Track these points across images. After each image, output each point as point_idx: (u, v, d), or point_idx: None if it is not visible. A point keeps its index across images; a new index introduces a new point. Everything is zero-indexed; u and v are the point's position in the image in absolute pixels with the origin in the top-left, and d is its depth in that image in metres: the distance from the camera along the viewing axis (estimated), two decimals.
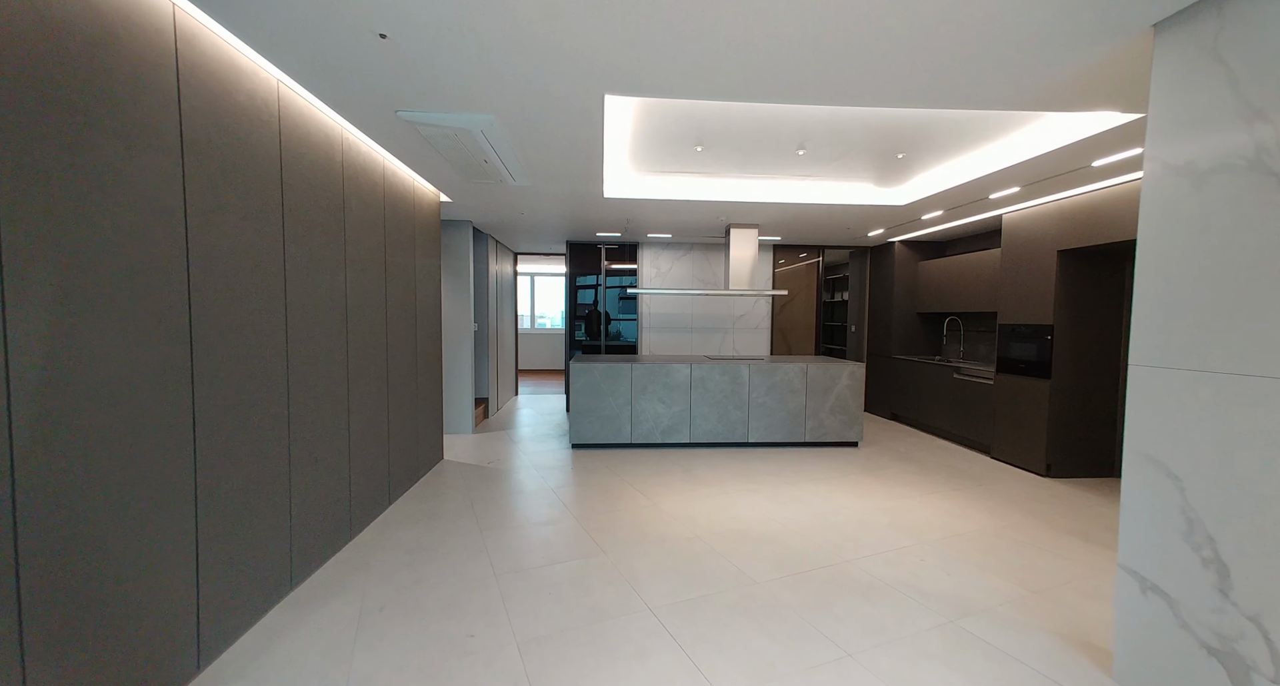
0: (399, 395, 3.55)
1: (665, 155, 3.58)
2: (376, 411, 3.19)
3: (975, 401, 4.94)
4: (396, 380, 3.50)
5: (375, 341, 3.16)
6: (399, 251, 3.54)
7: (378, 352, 3.20)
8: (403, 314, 3.62)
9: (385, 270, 3.32)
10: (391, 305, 3.41)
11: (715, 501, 3.52)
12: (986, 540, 2.94)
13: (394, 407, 3.46)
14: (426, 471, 4.14)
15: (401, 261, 3.59)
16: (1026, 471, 4.28)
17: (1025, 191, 3.82)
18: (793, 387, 4.98)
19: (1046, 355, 4.11)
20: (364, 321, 3.00)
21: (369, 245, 3.07)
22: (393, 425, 3.44)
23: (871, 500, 3.56)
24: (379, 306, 3.22)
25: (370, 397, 3.10)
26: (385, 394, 3.31)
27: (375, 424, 3.17)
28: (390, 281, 3.39)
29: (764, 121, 2.99)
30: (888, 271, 6.50)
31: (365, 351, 3.02)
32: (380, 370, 3.24)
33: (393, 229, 3.43)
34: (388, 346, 3.35)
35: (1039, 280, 4.18)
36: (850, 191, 4.32)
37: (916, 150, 3.35)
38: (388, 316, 3.35)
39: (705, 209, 4.65)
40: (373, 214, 3.12)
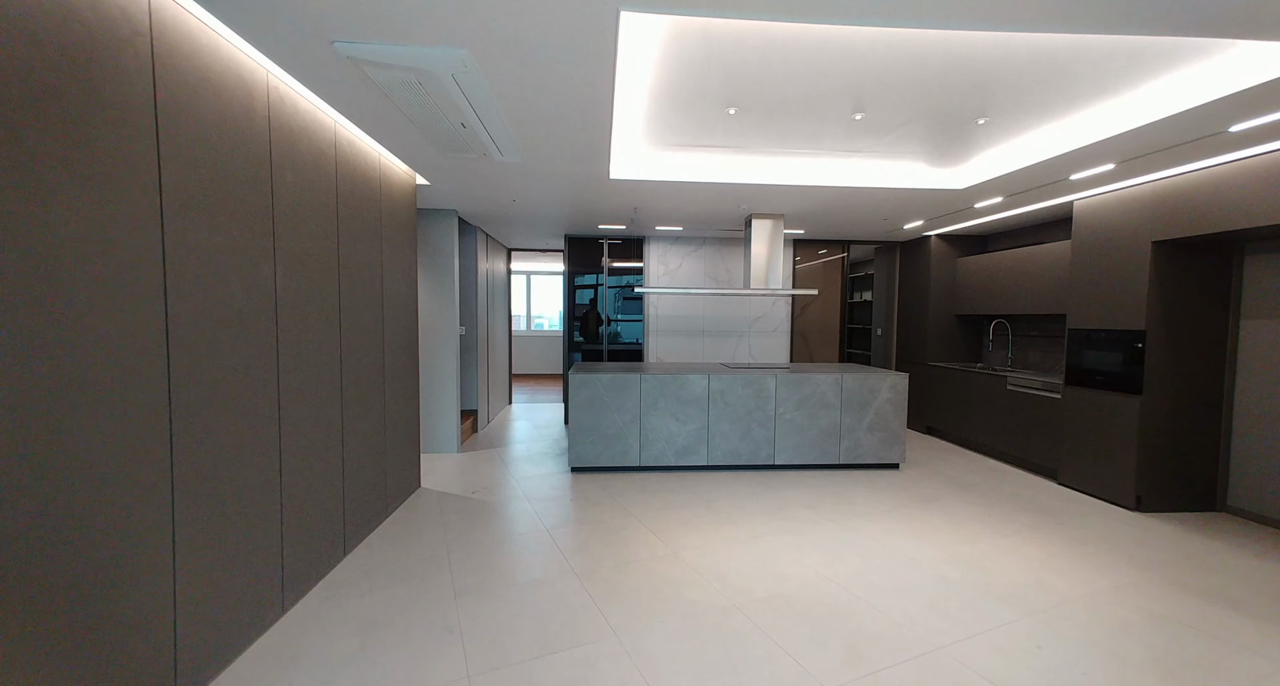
0: (360, 416, 2.88)
1: (688, 122, 2.92)
2: (324, 440, 2.52)
3: (1035, 417, 4.29)
4: (356, 397, 2.83)
5: (322, 351, 2.49)
6: (359, 242, 2.87)
7: (326, 365, 2.53)
8: (365, 317, 2.95)
9: (339, 264, 2.65)
10: (349, 307, 2.75)
11: (748, 548, 2.86)
12: (1107, 609, 2.29)
13: (352, 432, 2.79)
14: (398, 505, 3.47)
15: (363, 254, 2.92)
16: (1109, 503, 3.62)
17: (1121, 169, 3.17)
18: (826, 402, 4.32)
19: (1136, 366, 3.46)
20: (303, 327, 2.33)
21: (312, 232, 2.40)
22: (350, 455, 2.77)
23: (940, 545, 2.90)
24: (328, 308, 2.55)
25: (315, 423, 2.43)
26: (339, 417, 2.64)
27: (322, 457, 2.50)
28: (347, 278, 2.72)
29: (812, 77, 2.33)
30: (922, 269, 5.85)
31: (306, 364, 2.35)
32: (330, 386, 2.57)
33: (350, 213, 2.76)
34: (342, 357, 2.68)
35: (1126, 277, 3.53)
36: (900, 173, 3.66)
37: (1000, 114, 2.70)
38: (342, 321, 2.68)
39: (728, 194, 3.99)
40: (318, 192, 2.45)
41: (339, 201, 2.65)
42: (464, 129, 2.57)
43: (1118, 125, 2.65)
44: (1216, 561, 2.77)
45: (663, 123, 2.92)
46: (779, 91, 2.50)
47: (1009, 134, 2.99)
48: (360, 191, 2.88)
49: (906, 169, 3.64)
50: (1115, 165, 3.09)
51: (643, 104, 2.71)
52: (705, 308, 6.22)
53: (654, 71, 2.38)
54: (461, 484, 3.96)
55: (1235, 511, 3.45)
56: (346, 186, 2.73)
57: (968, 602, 2.32)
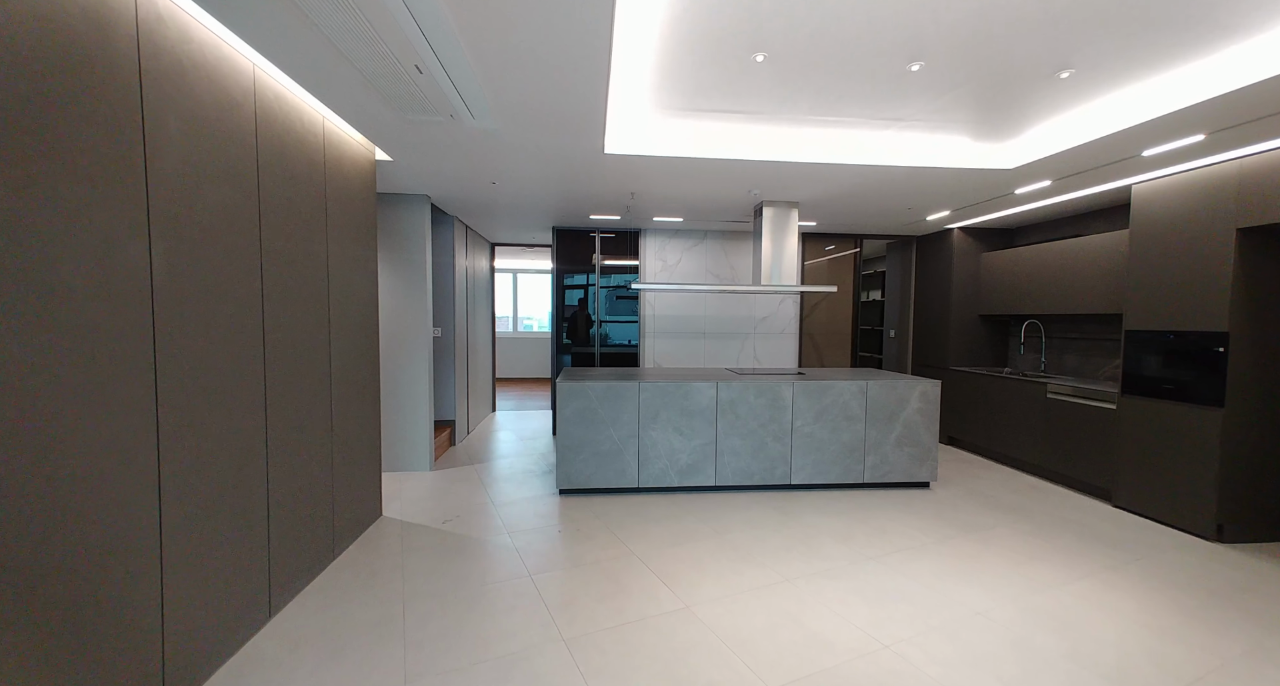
0: (294, 435, 2.31)
1: (704, 75, 2.38)
2: (236, 470, 1.95)
3: (1082, 430, 3.81)
4: (289, 412, 2.26)
5: (231, 355, 1.92)
6: (293, 222, 2.30)
7: (240, 372, 1.96)
8: (302, 315, 2.38)
9: (261, 248, 2.08)
10: (276, 302, 2.17)
11: (777, 599, 2.32)
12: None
13: (283, 456, 2.21)
14: (350, 542, 2.89)
15: (300, 239, 2.35)
16: (1182, 532, 3.14)
17: (1209, 142, 2.69)
18: (849, 413, 3.81)
19: (1217, 374, 2.98)
20: (199, 324, 1.76)
21: (214, 204, 1.83)
22: (280, 485, 2.20)
23: (1007, 593, 2.39)
24: (242, 302, 1.97)
25: (221, 448, 1.86)
26: (261, 439, 2.07)
27: (233, 492, 1.93)
28: (274, 266, 2.15)
29: (864, 9, 1.81)
30: (943, 265, 5.37)
31: (204, 370, 1.78)
32: (246, 399, 1.99)
33: (278, 186, 2.19)
34: (267, 362, 2.11)
35: (1203, 270, 3.05)
36: (940, 150, 3.16)
37: (1091, 66, 2.19)
38: (266, 319, 2.11)
39: (740, 175, 3.47)
40: (225, 153, 1.88)
41: (260, 170, 2.08)
42: (420, 75, 2.02)
43: (1225, 82, 2.16)
44: None
45: (673, 75, 2.38)
46: (821, 29, 1.98)
47: (1091, 94, 2.48)
48: (294, 160, 2.31)
49: (947, 144, 3.14)
50: (1205, 136, 2.61)
51: (650, 50, 2.17)
52: (707, 307, 5.70)
53: (666, 8, 1.84)
54: (432, 511, 3.38)
55: None
56: (272, 151, 2.16)
57: (1069, 684, 1.81)
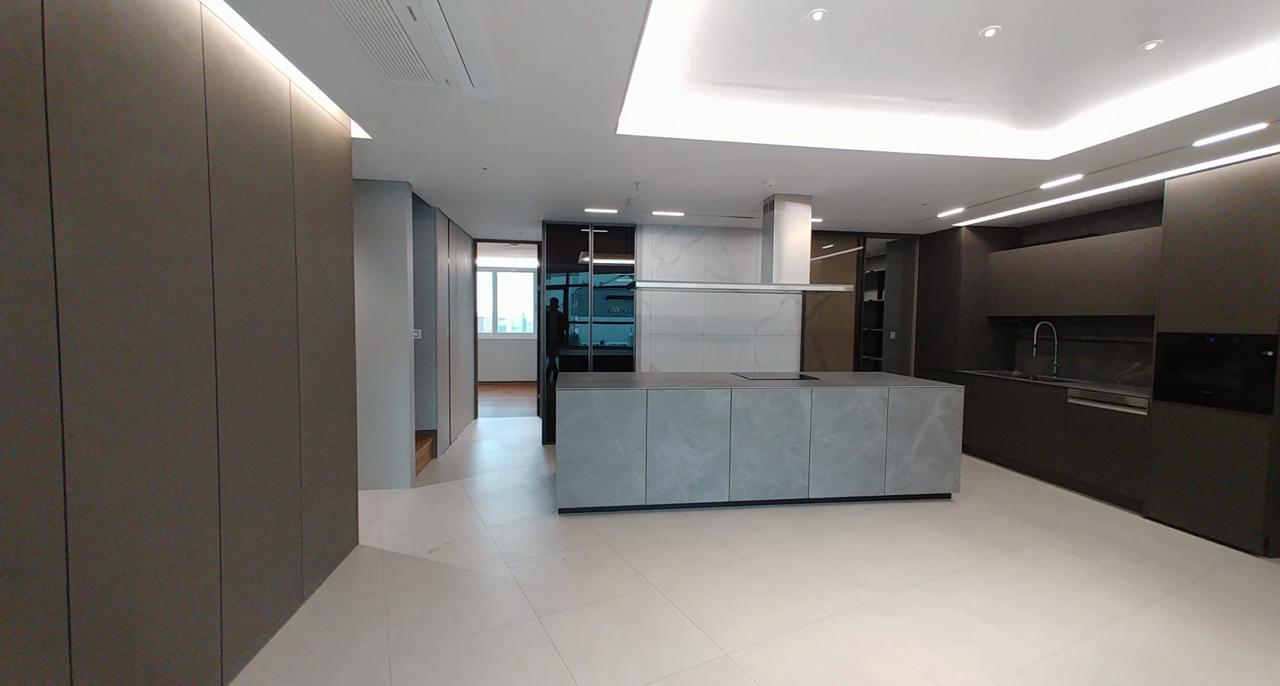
0: (258, 458, 1.92)
1: (750, 39, 2.07)
2: (189, 503, 1.55)
3: (1108, 437, 3.65)
4: (253, 431, 1.86)
5: (174, 366, 1.53)
6: (252, 205, 1.91)
7: (188, 384, 1.56)
8: (265, 315, 1.98)
9: (211, 233, 1.69)
10: (231, 299, 1.78)
11: (823, 640, 2.03)
12: None
13: (243, 484, 1.82)
14: (323, 578, 2.49)
15: (261, 226, 1.95)
16: (1226, 546, 2.98)
17: (1271, 131, 2.52)
18: (870, 421, 3.56)
19: (1265, 379, 2.82)
20: (125, 323, 1.37)
21: (145, 176, 1.44)
22: (240, 518, 1.80)
23: (1078, 628, 2.15)
24: (187, 299, 1.58)
25: (168, 477, 1.46)
26: (210, 466, 1.67)
27: (186, 529, 1.53)
28: (230, 258, 1.76)
29: None
30: (950, 265, 5.20)
31: (139, 383, 1.39)
32: (196, 416, 1.60)
33: (233, 156, 1.80)
34: (218, 372, 1.71)
35: (1250, 270, 2.89)
36: (974, 137, 2.93)
37: (1182, 34, 1.95)
38: (219, 319, 1.72)
39: (760, 161, 3.18)
40: (161, 110, 1.49)
41: (211, 135, 1.68)
42: (415, 23, 1.66)
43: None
44: None
45: (713, 36, 2.05)
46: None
47: (1161, 73, 2.24)
48: (254, 128, 1.92)
49: (985, 131, 2.91)
50: (1267, 124, 2.43)
51: (692, 16, 1.85)
52: (706, 308, 5.41)
53: None
54: (416, 536, 2.99)
55: None
56: (226, 115, 1.76)
57: None
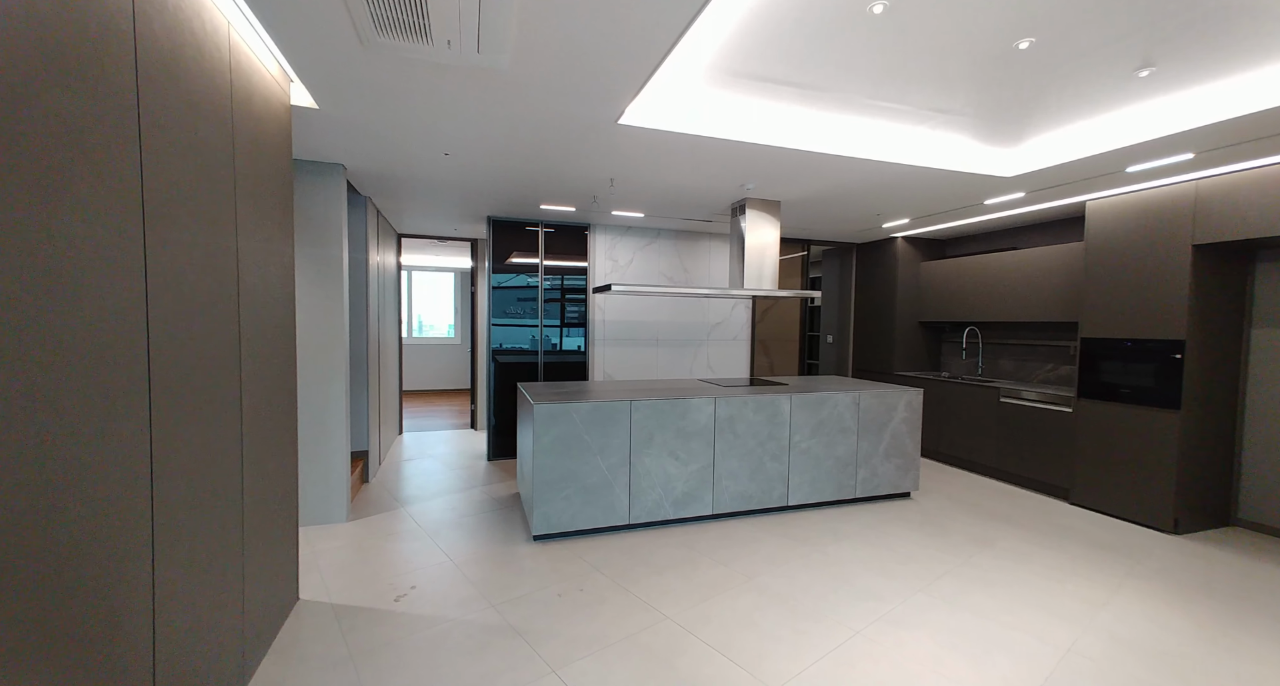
0: (202, 506, 1.45)
1: (803, 29, 1.94)
2: (120, 577, 1.10)
3: (1038, 432, 4.03)
4: (195, 470, 1.40)
5: (98, 388, 1.08)
6: (193, 182, 1.45)
7: (124, 417, 1.12)
8: (208, 328, 1.52)
9: (143, 219, 1.24)
10: (171, 306, 1.33)
11: (863, 662, 1.96)
12: None
13: (184, 544, 1.36)
14: (266, 648, 2.00)
15: (202, 212, 1.49)
16: (1144, 527, 3.38)
17: (1197, 161, 2.87)
18: (843, 425, 3.63)
19: (1174, 379, 3.23)
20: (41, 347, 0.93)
21: (53, 125, 1.00)
22: (177, 590, 1.34)
23: (1079, 622, 2.27)
24: (114, 311, 1.14)
25: (91, 545, 1.02)
26: (145, 527, 1.22)
27: (102, 609, 1.08)
28: (165, 247, 1.31)
29: None
30: (887, 273, 5.52)
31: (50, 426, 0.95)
32: (129, 462, 1.15)
33: (168, 110, 1.34)
34: (152, 400, 1.26)
35: (1161, 283, 3.30)
36: (947, 148, 3.06)
37: (1173, 62, 2.11)
38: (152, 330, 1.27)
39: (751, 161, 3.10)
40: (64, 24, 1.06)
41: (141, 78, 1.24)
42: None
43: (1247, 104, 2.25)
44: None
45: (766, 21, 1.88)
46: None
47: (1163, 91, 2.36)
48: (191, 77, 1.46)
49: (955, 145, 3.05)
50: (1194, 154, 2.77)
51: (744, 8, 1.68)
52: (661, 313, 5.28)
53: None
54: (370, 582, 2.53)
55: (1247, 525, 3.38)
56: (159, 53, 1.31)
57: None
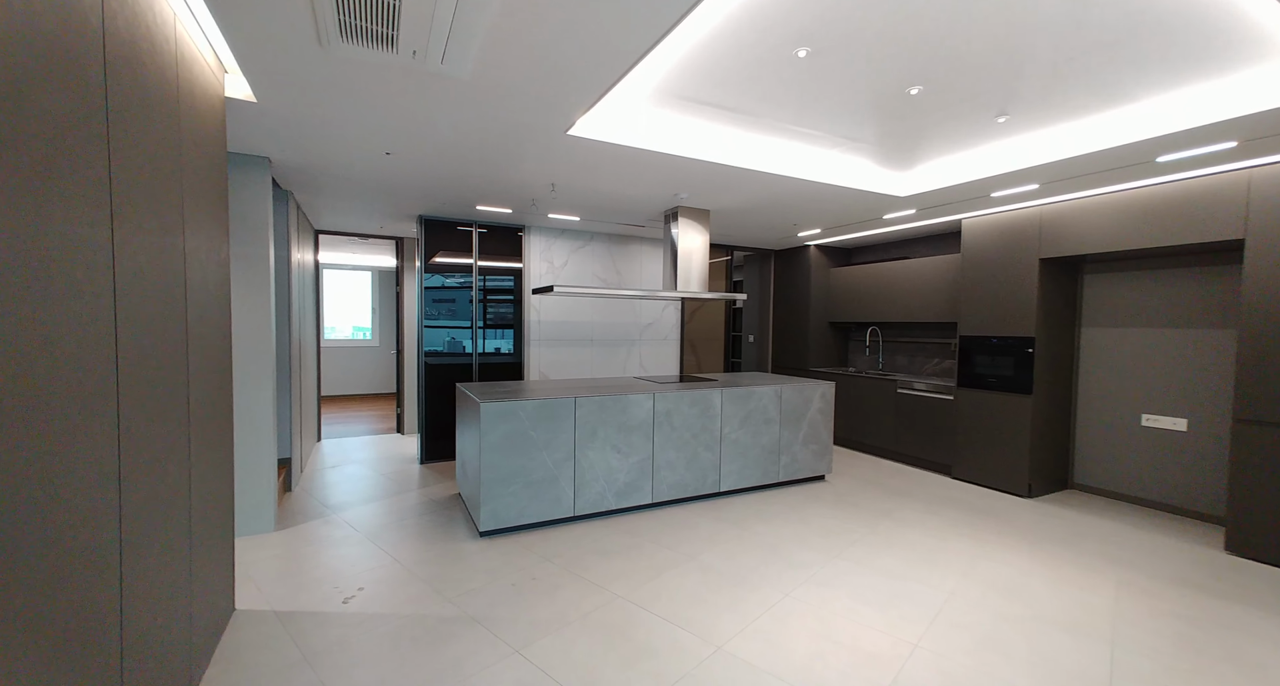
0: (154, 515, 1.42)
1: (733, 63, 2.18)
2: (95, 576, 1.09)
3: (927, 418, 4.65)
4: (152, 476, 1.37)
5: (82, 398, 1.08)
6: (147, 174, 1.42)
7: (94, 418, 1.11)
8: (162, 327, 1.48)
9: (111, 212, 1.22)
10: (136, 303, 1.30)
11: (796, 619, 2.25)
12: (1179, 630, 2.31)
13: (146, 546, 1.33)
14: (207, 660, 1.93)
15: (156, 202, 1.46)
16: (1007, 493, 4.03)
17: (1041, 190, 3.49)
18: (767, 416, 3.99)
19: (1027, 369, 3.90)
20: (23, 343, 0.94)
21: (41, 124, 1.00)
22: (141, 590, 1.31)
23: (958, 571, 2.72)
24: (92, 309, 1.13)
25: (69, 555, 1.02)
26: (113, 530, 1.20)
27: (90, 613, 1.08)
28: (131, 248, 1.29)
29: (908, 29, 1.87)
30: (802, 277, 6.05)
31: (27, 429, 0.95)
32: (99, 466, 1.14)
33: (128, 100, 1.32)
34: (120, 404, 1.24)
35: (1017, 289, 3.97)
36: (852, 170, 3.50)
37: (1021, 113, 2.61)
38: (121, 329, 1.25)
39: (685, 174, 3.35)
40: (61, 31, 1.06)
41: (109, 63, 1.22)
42: None
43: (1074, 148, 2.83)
44: (1134, 540, 3.16)
45: (708, 54, 2.10)
46: (865, 34, 1.97)
47: (1017, 132, 2.85)
48: (145, 69, 1.44)
49: (858, 167, 3.49)
50: (1038, 185, 3.38)
51: (710, 17, 1.89)
52: (595, 313, 5.44)
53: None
54: (313, 588, 2.48)
55: (1080, 488, 4.15)
56: (121, 48, 1.30)
57: (1067, 648, 2.12)
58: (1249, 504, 2.93)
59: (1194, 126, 2.44)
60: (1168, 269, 3.67)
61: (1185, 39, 1.94)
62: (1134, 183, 3.31)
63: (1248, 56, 2.06)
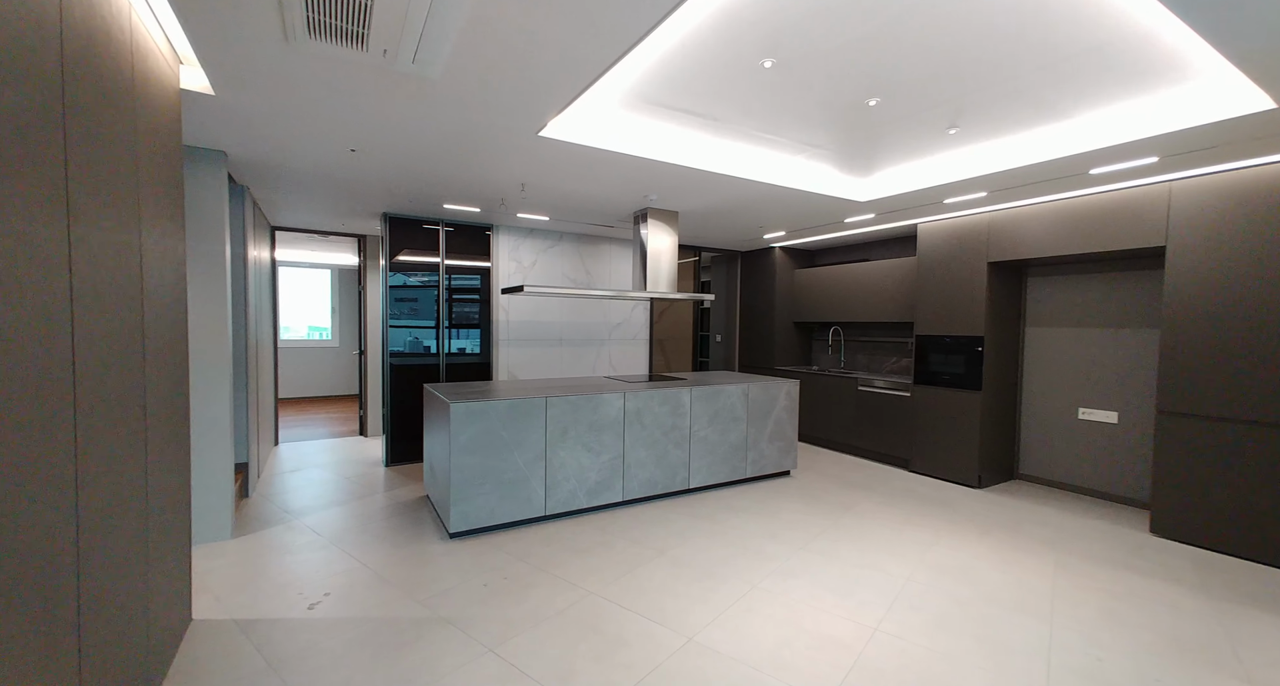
0: (118, 519, 1.37)
1: (705, 70, 2.24)
2: (52, 585, 1.06)
3: (886, 414, 4.85)
4: (109, 477, 1.33)
5: (39, 400, 1.05)
6: (104, 170, 1.38)
7: (52, 424, 1.08)
8: (119, 327, 1.44)
9: (67, 207, 1.18)
10: (91, 304, 1.26)
11: (764, 607, 2.33)
12: (1108, 605, 2.50)
13: (105, 552, 1.29)
14: (164, 674, 1.87)
15: (112, 199, 1.41)
16: (959, 485, 4.25)
17: (989, 197, 3.70)
18: (735, 414, 4.09)
19: (977, 367, 4.13)
20: None
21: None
22: (99, 596, 1.27)
23: (912, 558, 2.87)
24: (47, 309, 1.10)
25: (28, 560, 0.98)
26: (70, 538, 1.17)
27: (50, 622, 1.04)
28: (87, 246, 1.24)
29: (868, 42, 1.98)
30: (767, 278, 6.20)
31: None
32: (57, 473, 1.10)
33: (86, 93, 1.28)
34: (77, 407, 1.20)
35: (968, 291, 4.19)
36: (815, 175, 3.63)
37: (970, 126, 2.77)
38: (77, 333, 1.21)
39: (654, 176, 3.40)
40: (15, 21, 1.02)
41: (65, 58, 1.18)
42: None
43: (1017, 159, 3.02)
44: (1078, 527, 3.40)
45: (677, 61, 2.16)
46: (831, 49, 2.07)
47: (967, 143, 3.03)
48: (101, 60, 1.39)
49: (820, 173, 3.62)
50: (986, 193, 3.59)
51: (682, 27, 1.94)
52: (565, 313, 5.44)
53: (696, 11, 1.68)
54: (276, 595, 2.41)
55: (1025, 478, 4.41)
56: (79, 39, 1.26)
57: (1011, 625, 2.27)
58: (1170, 489, 3.19)
59: (1120, 142, 2.65)
60: (1101, 273, 3.95)
61: (1113, 61, 2.11)
62: (1071, 192, 3.56)
63: (1169, 79, 2.25)
